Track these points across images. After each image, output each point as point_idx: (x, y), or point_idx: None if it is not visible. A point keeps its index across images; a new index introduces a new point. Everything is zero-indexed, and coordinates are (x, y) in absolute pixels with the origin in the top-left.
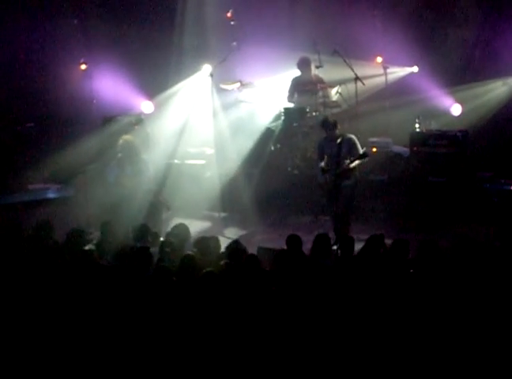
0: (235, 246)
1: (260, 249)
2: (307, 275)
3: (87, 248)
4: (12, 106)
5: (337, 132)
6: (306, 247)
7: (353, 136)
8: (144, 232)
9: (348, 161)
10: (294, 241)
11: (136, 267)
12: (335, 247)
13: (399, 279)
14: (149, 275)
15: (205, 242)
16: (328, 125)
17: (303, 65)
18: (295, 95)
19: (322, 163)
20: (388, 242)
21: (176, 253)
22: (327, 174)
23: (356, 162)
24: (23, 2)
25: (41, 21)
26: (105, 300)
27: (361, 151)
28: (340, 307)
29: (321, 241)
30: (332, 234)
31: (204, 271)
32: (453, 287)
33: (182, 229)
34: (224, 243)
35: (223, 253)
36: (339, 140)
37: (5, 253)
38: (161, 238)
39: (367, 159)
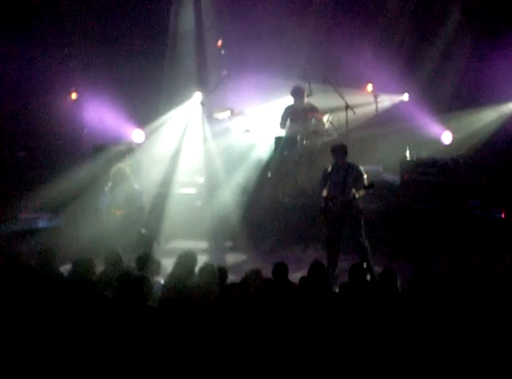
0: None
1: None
2: (296, 303)
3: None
4: (2, 135)
5: (345, 159)
6: (296, 276)
7: (360, 166)
8: (146, 261)
9: (353, 190)
10: (280, 269)
11: (137, 297)
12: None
13: (390, 308)
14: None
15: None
16: (340, 151)
17: (297, 93)
18: (288, 123)
19: (325, 191)
20: (378, 270)
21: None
22: (330, 202)
23: (363, 192)
24: (13, 31)
25: (32, 50)
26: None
27: (366, 181)
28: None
29: (316, 269)
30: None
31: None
32: (445, 315)
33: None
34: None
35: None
36: (345, 168)
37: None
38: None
39: (372, 191)
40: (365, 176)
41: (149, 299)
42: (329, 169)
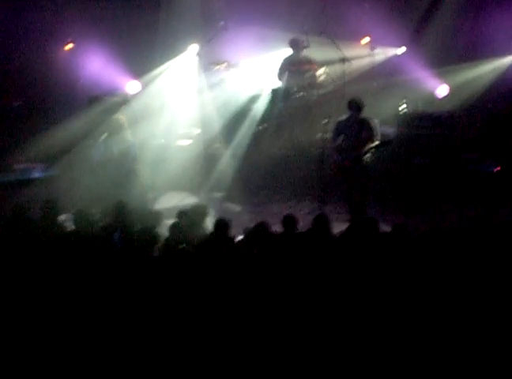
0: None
1: (246, 229)
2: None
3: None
4: None
5: (360, 113)
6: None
7: (376, 121)
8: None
9: (370, 144)
10: (290, 221)
11: (143, 248)
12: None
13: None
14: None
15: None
16: (355, 105)
17: (294, 45)
18: (286, 75)
19: (337, 143)
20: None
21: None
22: (342, 155)
23: (379, 147)
24: None
25: (26, 1)
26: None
27: (387, 137)
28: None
29: (320, 221)
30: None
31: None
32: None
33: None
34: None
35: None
36: (359, 122)
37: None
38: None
39: (390, 147)
40: (379, 131)
41: (153, 250)
42: (343, 122)
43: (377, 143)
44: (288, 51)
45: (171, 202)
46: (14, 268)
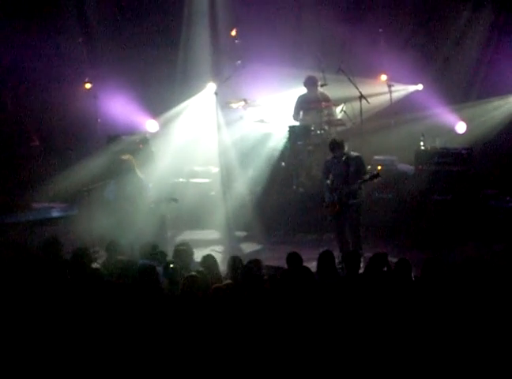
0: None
1: (265, 267)
2: (311, 293)
3: (94, 266)
4: (17, 125)
5: (344, 151)
6: (312, 265)
7: (359, 155)
8: (151, 251)
9: (359, 180)
10: (294, 259)
11: (142, 285)
12: (339, 265)
13: (403, 297)
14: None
15: (210, 260)
16: (334, 146)
17: (310, 83)
18: (301, 113)
19: (328, 182)
20: (393, 260)
21: (179, 274)
22: (334, 194)
23: (367, 181)
24: (28, 20)
25: (46, 39)
26: (110, 317)
27: (372, 171)
28: (342, 324)
29: (325, 258)
30: (337, 253)
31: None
32: (457, 305)
33: (186, 249)
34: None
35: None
36: (345, 159)
37: (11, 271)
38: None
39: (378, 180)
40: (365, 164)
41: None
42: (329, 162)
43: (366, 177)
44: (303, 90)
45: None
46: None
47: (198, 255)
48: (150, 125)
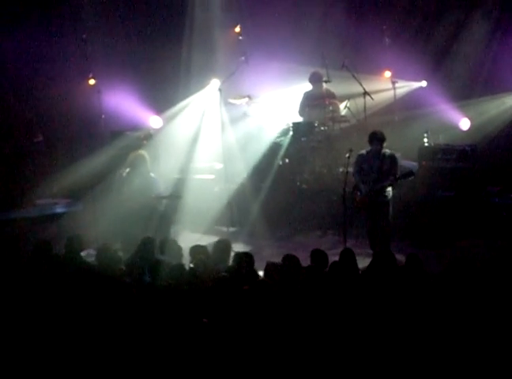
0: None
1: (269, 263)
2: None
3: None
4: (20, 121)
5: (382, 146)
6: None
7: (396, 154)
8: (167, 246)
9: (391, 177)
10: (320, 256)
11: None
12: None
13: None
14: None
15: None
16: (373, 138)
17: (315, 79)
18: (307, 110)
19: (359, 177)
20: (398, 257)
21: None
22: (365, 189)
23: (401, 179)
24: (32, 17)
25: (50, 35)
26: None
27: (406, 169)
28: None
29: (347, 256)
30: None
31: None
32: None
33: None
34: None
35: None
36: (380, 156)
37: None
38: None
39: (412, 178)
40: (399, 163)
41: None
42: (364, 156)
43: (398, 175)
44: (309, 86)
45: (193, 237)
46: (37, 303)
47: None
48: (154, 121)
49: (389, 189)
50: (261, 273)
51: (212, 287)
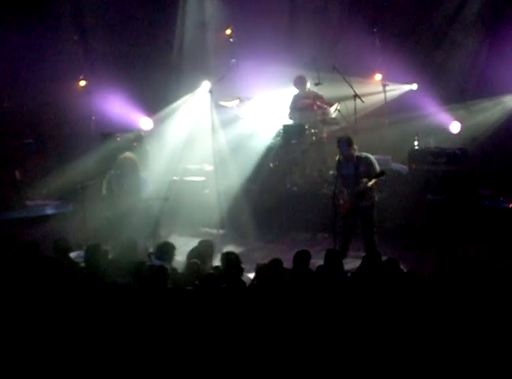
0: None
1: (259, 265)
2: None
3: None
4: (10, 122)
5: (353, 151)
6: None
7: (370, 156)
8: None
9: (365, 180)
10: (302, 257)
11: (153, 285)
12: None
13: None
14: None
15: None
16: (342, 144)
17: (299, 83)
18: (296, 112)
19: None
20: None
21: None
22: (342, 194)
23: (374, 181)
24: (23, 17)
25: (41, 36)
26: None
27: (378, 169)
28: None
29: (332, 256)
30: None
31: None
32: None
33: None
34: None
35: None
36: (355, 160)
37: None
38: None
39: (383, 178)
40: (376, 165)
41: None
42: (341, 161)
43: (374, 174)
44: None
45: (182, 239)
46: (23, 304)
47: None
48: (144, 122)
49: (374, 193)
50: (251, 275)
51: (198, 285)
